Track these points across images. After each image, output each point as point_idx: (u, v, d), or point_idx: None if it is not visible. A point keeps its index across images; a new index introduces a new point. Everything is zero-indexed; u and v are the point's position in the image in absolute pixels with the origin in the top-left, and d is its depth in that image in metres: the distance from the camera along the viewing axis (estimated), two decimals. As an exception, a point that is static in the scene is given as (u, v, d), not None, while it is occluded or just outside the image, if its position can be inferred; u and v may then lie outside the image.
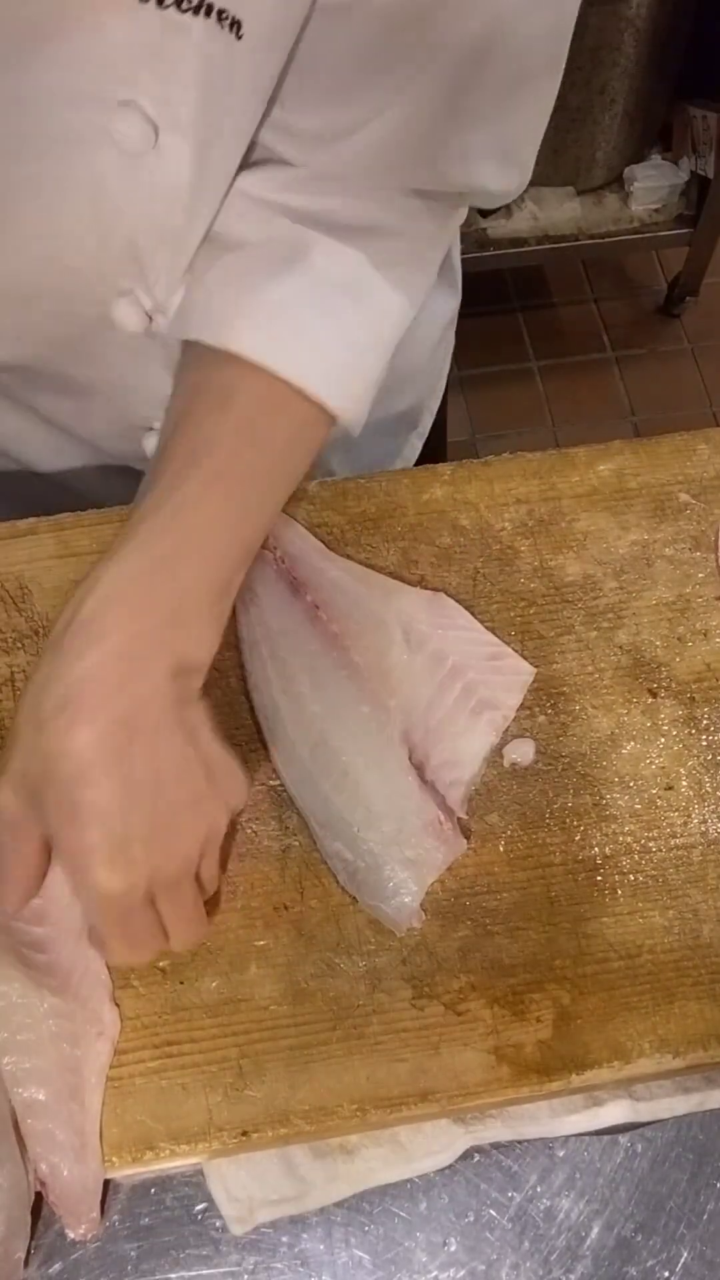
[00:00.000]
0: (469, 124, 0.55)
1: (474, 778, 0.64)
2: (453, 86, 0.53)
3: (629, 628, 0.69)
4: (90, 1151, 0.55)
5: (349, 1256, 0.57)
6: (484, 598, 0.69)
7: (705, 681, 0.67)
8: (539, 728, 0.66)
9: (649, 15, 1.59)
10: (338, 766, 0.62)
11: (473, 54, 0.52)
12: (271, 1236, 0.57)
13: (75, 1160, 0.55)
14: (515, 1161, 0.59)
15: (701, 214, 1.84)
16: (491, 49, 0.52)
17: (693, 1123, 0.60)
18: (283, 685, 0.65)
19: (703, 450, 0.74)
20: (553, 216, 1.83)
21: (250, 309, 0.57)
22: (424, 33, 0.51)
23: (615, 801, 0.64)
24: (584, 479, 0.73)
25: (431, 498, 0.72)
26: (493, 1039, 0.58)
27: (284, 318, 0.57)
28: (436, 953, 0.60)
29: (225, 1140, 0.56)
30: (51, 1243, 0.57)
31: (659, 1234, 0.58)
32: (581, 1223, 0.58)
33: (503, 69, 0.54)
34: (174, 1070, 0.57)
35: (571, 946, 0.60)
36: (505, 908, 0.61)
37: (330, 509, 0.72)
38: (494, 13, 0.51)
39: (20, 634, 0.68)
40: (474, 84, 0.53)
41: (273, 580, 0.68)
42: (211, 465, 0.55)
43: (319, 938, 0.60)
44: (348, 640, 0.66)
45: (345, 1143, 0.59)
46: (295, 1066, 0.57)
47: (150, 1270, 0.56)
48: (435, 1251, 0.57)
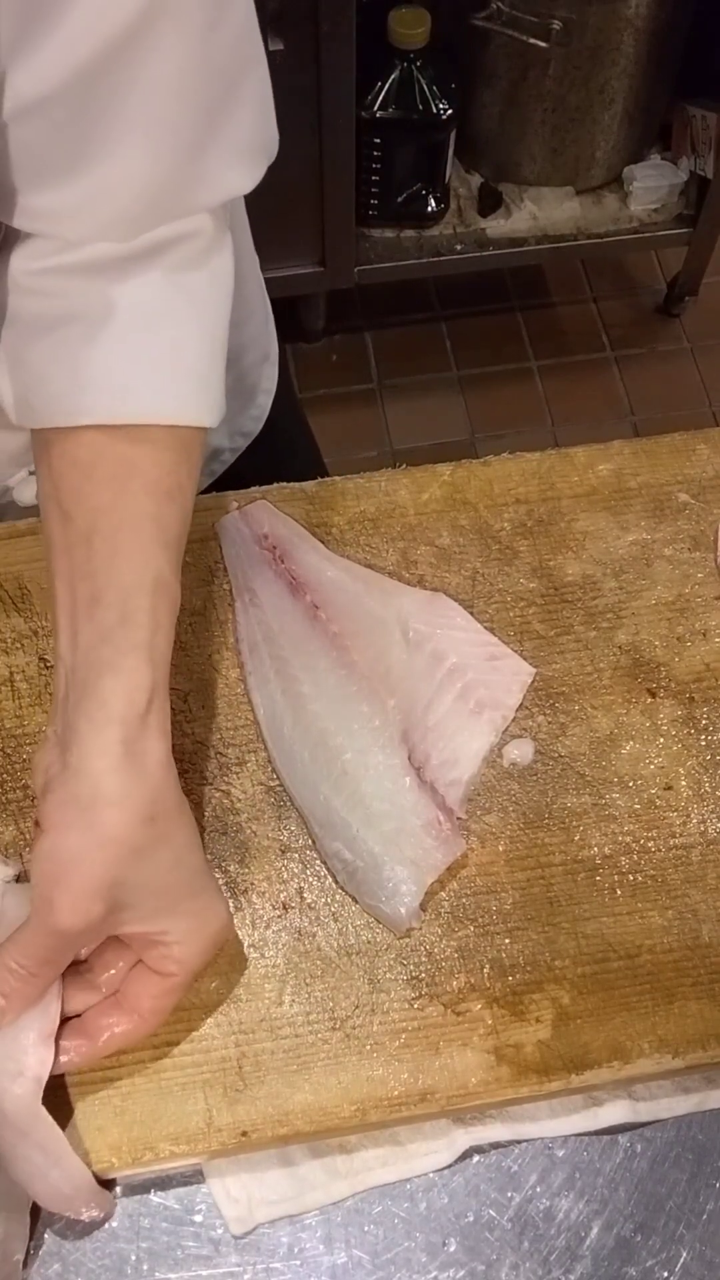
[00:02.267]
0: (199, 152, 0.55)
1: (473, 778, 0.64)
2: (168, 128, 0.53)
3: (628, 628, 0.69)
4: (65, 1160, 0.54)
5: (349, 1256, 0.57)
6: (483, 598, 0.69)
7: (705, 681, 0.67)
8: (538, 728, 0.66)
9: (649, 15, 1.59)
10: (337, 766, 0.62)
11: (177, 89, 0.52)
12: (271, 1236, 0.57)
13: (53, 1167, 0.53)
14: (515, 1161, 0.59)
15: (701, 214, 1.84)
16: (192, 76, 0.52)
17: (692, 1123, 0.60)
18: (283, 685, 0.65)
19: (702, 450, 0.75)
20: (552, 216, 1.83)
21: (91, 378, 0.56)
22: (123, 93, 0.51)
23: (615, 801, 0.64)
24: (583, 479, 0.73)
25: (431, 498, 0.72)
26: (492, 1039, 0.58)
27: (126, 370, 0.57)
28: (436, 953, 0.60)
29: (225, 1140, 0.56)
30: (51, 1243, 0.57)
31: (658, 1234, 0.58)
32: (581, 1223, 0.58)
33: (211, 89, 0.53)
34: (174, 1070, 0.57)
35: (571, 946, 0.60)
36: (505, 908, 0.61)
37: (330, 509, 0.72)
38: (182, 43, 0.50)
39: (20, 634, 0.68)
40: (189, 116, 0.53)
41: (273, 580, 0.69)
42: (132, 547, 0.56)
43: (319, 938, 0.60)
44: (347, 640, 0.66)
45: (345, 1143, 0.59)
46: (295, 1066, 0.57)
47: (150, 1270, 0.56)
48: (435, 1252, 0.57)
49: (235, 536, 0.71)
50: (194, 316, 0.60)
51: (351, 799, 0.61)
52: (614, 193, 1.86)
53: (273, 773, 0.64)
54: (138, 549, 0.55)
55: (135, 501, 0.56)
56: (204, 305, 0.60)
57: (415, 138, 1.68)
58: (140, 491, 0.56)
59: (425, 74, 1.63)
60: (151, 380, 0.57)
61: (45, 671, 0.67)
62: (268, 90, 0.57)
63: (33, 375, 0.58)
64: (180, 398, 0.58)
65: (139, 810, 0.51)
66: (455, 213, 1.83)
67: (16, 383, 0.60)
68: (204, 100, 0.53)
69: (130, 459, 0.57)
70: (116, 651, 0.53)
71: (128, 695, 0.52)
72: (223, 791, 0.64)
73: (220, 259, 0.61)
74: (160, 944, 0.54)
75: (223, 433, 0.89)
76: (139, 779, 0.52)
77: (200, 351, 0.60)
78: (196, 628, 0.68)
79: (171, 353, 0.58)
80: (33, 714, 0.65)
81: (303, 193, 1.66)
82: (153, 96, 0.51)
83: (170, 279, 0.58)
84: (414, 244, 1.82)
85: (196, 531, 0.61)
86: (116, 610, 0.54)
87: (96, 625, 0.54)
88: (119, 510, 0.56)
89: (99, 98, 0.50)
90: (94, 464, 0.56)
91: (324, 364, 2.07)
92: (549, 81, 1.64)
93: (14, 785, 0.64)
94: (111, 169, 0.53)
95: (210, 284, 0.61)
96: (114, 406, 0.56)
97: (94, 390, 0.56)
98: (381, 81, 1.63)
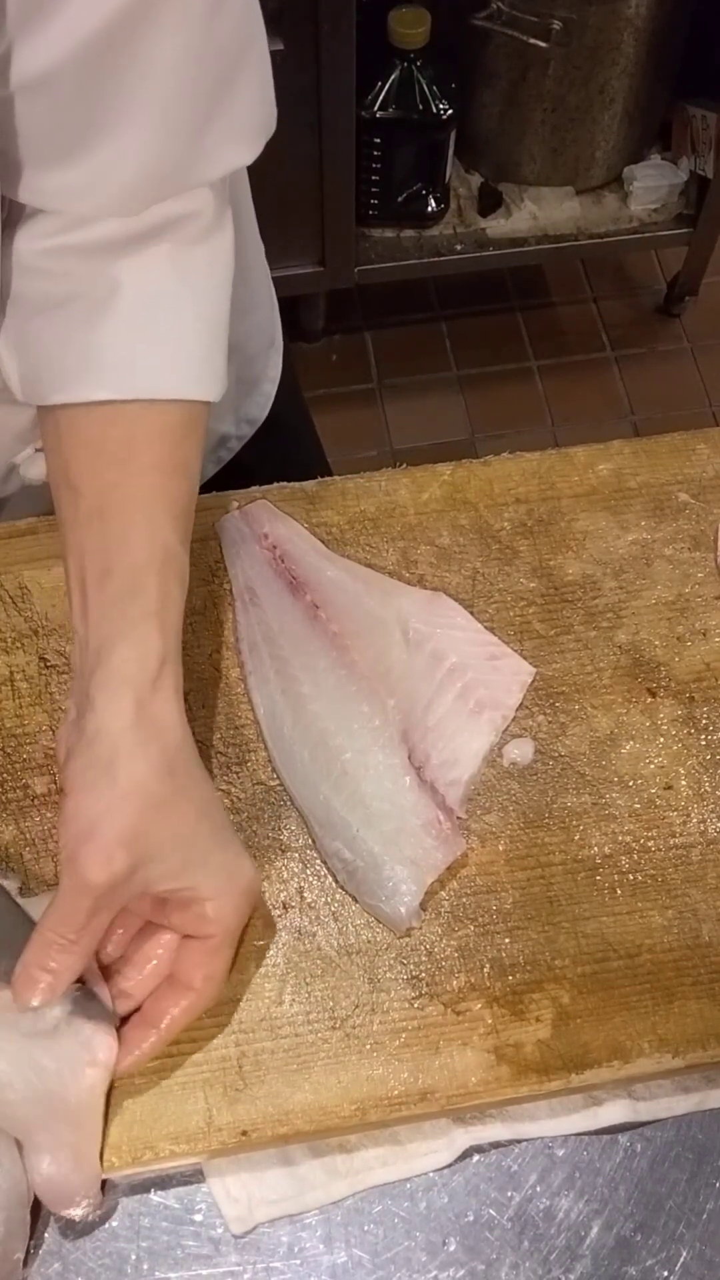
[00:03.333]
0: (203, 127, 0.56)
1: (473, 777, 0.64)
2: (173, 104, 0.54)
3: (628, 627, 0.69)
4: (87, 1163, 0.54)
5: (349, 1256, 0.57)
6: (483, 597, 0.69)
7: (704, 681, 0.67)
8: (538, 727, 0.66)
9: (649, 15, 1.59)
10: (337, 766, 0.62)
11: (181, 65, 0.53)
12: (271, 1236, 0.57)
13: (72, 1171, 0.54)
14: (514, 1161, 0.59)
15: (701, 214, 1.84)
16: (196, 53, 0.53)
17: (692, 1122, 0.60)
18: (283, 685, 0.65)
19: (702, 450, 0.75)
20: (552, 216, 1.83)
21: (97, 355, 0.58)
22: (127, 71, 0.52)
23: (614, 801, 0.64)
24: (583, 479, 0.73)
25: (431, 497, 0.72)
26: (492, 1039, 0.58)
27: (132, 347, 0.58)
28: (436, 952, 0.60)
29: (225, 1140, 0.56)
30: (51, 1243, 0.57)
31: (658, 1233, 0.58)
32: (581, 1222, 0.58)
33: (215, 65, 0.55)
34: (174, 1070, 0.57)
35: (571, 946, 0.60)
36: (505, 907, 0.61)
37: (330, 509, 0.72)
38: (186, 20, 0.51)
39: (20, 634, 0.68)
40: (193, 91, 0.54)
41: (273, 580, 0.69)
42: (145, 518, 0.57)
43: (319, 937, 0.60)
44: (347, 640, 0.66)
45: (345, 1142, 0.59)
46: (295, 1066, 0.57)
47: (150, 1270, 0.56)
48: (435, 1251, 0.57)
49: (235, 536, 0.71)
50: (197, 294, 0.61)
51: (351, 799, 0.61)
52: (614, 193, 1.86)
53: (272, 772, 0.64)
54: (146, 523, 0.57)
55: (144, 477, 0.57)
56: (206, 283, 0.62)
57: (415, 138, 1.68)
58: (149, 467, 0.57)
59: (425, 74, 1.63)
60: (156, 356, 0.58)
61: (45, 671, 0.67)
62: (268, 67, 0.58)
63: (39, 353, 0.60)
64: (184, 373, 0.59)
65: (157, 763, 0.52)
66: (455, 213, 1.83)
67: (23, 361, 0.61)
68: (208, 76, 0.54)
69: (137, 435, 0.58)
70: (127, 622, 0.55)
71: (139, 661, 0.54)
72: (223, 791, 0.64)
73: (221, 237, 0.62)
74: (193, 903, 0.54)
75: (229, 419, 0.89)
76: (155, 734, 0.53)
77: (203, 328, 0.61)
78: (196, 628, 0.68)
79: (175, 329, 0.59)
80: (33, 714, 0.65)
81: (303, 193, 1.66)
82: (157, 73, 0.52)
83: (173, 258, 0.59)
84: (414, 244, 1.82)
85: (197, 531, 0.61)
86: (126, 583, 0.55)
87: (107, 598, 0.55)
88: (127, 485, 0.57)
89: (105, 74, 0.51)
90: (102, 440, 0.58)
91: (324, 364, 2.07)
92: (549, 81, 1.64)
93: (14, 785, 0.64)
94: (117, 145, 0.54)
95: (212, 262, 0.62)
96: (120, 382, 0.57)
97: (100, 367, 0.57)
98: (381, 81, 1.63)
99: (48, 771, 0.64)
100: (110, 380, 0.57)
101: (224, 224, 0.62)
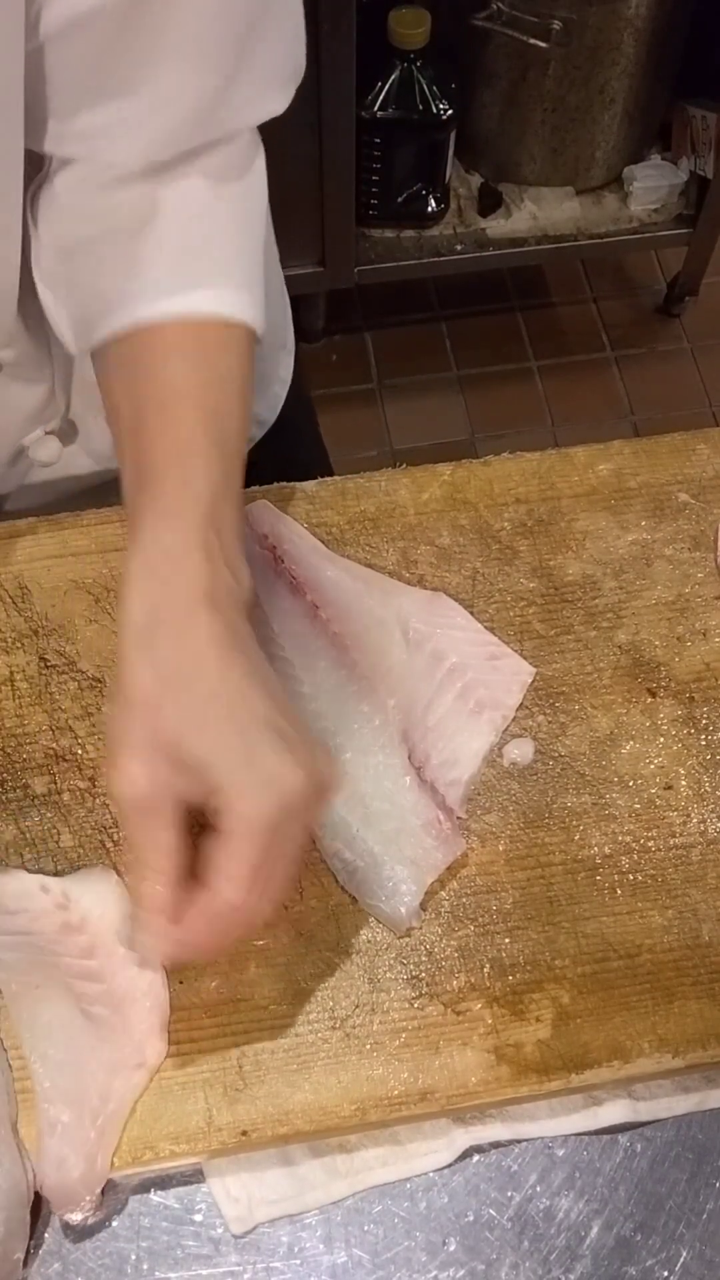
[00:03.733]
0: (239, 70, 0.57)
1: (473, 777, 0.64)
2: (210, 46, 0.55)
3: (628, 627, 0.69)
4: (95, 1172, 0.55)
5: (349, 1256, 0.57)
6: (483, 597, 0.69)
7: (704, 681, 0.67)
8: (538, 727, 0.66)
9: (648, 15, 1.59)
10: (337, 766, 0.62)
11: (217, 8, 0.54)
12: (271, 1236, 0.57)
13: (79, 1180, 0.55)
14: (514, 1161, 0.59)
15: (700, 214, 1.84)
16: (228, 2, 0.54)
17: (692, 1122, 0.60)
18: (282, 685, 0.65)
19: (702, 450, 0.75)
20: (552, 216, 1.83)
21: (138, 276, 0.58)
22: (165, 10, 0.53)
23: (615, 801, 0.64)
24: (583, 479, 0.73)
25: (431, 497, 0.72)
26: (492, 1039, 0.58)
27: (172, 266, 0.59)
28: (436, 952, 0.60)
29: (225, 1140, 0.56)
30: (51, 1243, 0.57)
31: (658, 1233, 0.58)
32: (581, 1222, 0.58)
33: (249, 8, 0.55)
34: (174, 1070, 0.57)
35: (571, 946, 0.60)
36: (505, 907, 0.61)
37: (330, 509, 0.72)
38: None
39: (20, 634, 0.68)
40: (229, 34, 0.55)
41: (273, 580, 0.68)
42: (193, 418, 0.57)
43: (319, 937, 0.60)
44: (348, 640, 0.66)
45: (344, 1142, 0.59)
46: (295, 1066, 0.57)
47: (150, 1270, 0.56)
48: (435, 1251, 0.57)
49: (235, 536, 0.71)
50: (236, 218, 0.61)
51: (351, 799, 0.61)
52: (614, 193, 1.86)
53: (273, 772, 0.64)
54: (190, 424, 0.56)
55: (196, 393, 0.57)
56: (244, 209, 0.62)
57: (415, 138, 1.68)
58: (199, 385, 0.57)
59: (425, 74, 1.63)
60: (195, 273, 0.59)
61: (45, 671, 0.67)
62: (300, 13, 0.59)
63: (86, 292, 0.60)
64: (224, 295, 0.59)
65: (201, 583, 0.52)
66: (455, 213, 1.83)
67: (71, 307, 0.61)
68: (242, 19, 0.55)
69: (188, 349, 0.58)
70: (166, 507, 0.54)
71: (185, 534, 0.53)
72: (223, 791, 0.64)
73: (256, 170, 0.63)
74: (219, 793, 0.49)
75: None
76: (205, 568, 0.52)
77: (243, 250, 0.61)
78: (196, 627, 0.68)
79: (217, 250, 0.60)
80: (33, 714, 0.65)
81: (303, 193, 1.66)
82: (194, 15, 0.53)
83: (211, 183, 0.60)
84: (414, 244, 1.82)
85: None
86: (175, 474, 0.55)
87: (151, 493, 0.55)
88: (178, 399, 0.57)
89: (143, 14, 0.52)
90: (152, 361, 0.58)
91: (324, 364, 2.07)
92: (549, 81, 1.64)
93: (14, 785, 0.64)
94: (156, 87, 0.55)
95: (248, 191, 0.62)
96: (159, 301, 0.57)
97: (140, 290, 0.58)
98: (381, 81, 1.63)
99: (48, 771, 0.64)
100: (147, 301, 0.57)
101: (258, 159, 0.63)
